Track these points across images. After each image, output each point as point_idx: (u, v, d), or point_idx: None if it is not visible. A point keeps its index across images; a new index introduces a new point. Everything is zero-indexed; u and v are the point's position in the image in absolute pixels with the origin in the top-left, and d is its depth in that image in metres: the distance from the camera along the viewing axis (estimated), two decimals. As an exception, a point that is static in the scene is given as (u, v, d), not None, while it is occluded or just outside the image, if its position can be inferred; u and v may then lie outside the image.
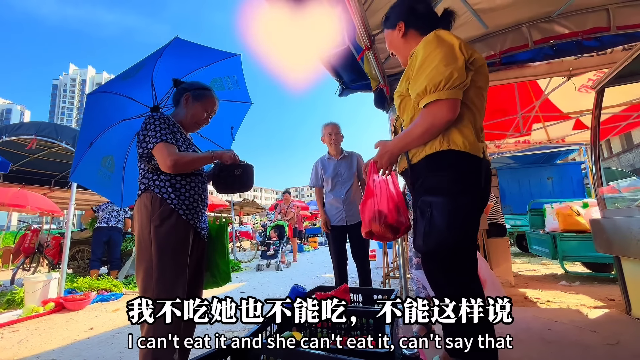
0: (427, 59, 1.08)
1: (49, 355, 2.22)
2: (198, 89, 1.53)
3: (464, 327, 1.03)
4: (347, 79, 3.08)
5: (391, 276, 3.73)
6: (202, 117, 1.52)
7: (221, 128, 2.03)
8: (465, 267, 1.13)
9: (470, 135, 1.09)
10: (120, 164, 1.84)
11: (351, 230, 2.66)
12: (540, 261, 5.20)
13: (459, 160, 1.08)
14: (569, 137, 5.34)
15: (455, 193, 1.08)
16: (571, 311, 2.52)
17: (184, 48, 1.70)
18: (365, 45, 2.28)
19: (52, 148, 5.13)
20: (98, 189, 1.86)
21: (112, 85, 1.63)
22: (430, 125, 1.06)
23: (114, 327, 2.82)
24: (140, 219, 1.31)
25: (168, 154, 1.29)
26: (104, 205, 5.16)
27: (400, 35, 1.28)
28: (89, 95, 1.61)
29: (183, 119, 1.50)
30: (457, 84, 1.02)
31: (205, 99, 1.53)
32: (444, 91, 1.02)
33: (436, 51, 1.06)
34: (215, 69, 1.91)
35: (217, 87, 1.95)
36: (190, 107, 1.50)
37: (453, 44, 1.06)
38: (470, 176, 1.09)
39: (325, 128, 2.81)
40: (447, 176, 1.09)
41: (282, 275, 5.58)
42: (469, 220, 1.11)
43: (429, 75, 1.05)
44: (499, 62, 2.84)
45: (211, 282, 1.57)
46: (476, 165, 1.10)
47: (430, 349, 1.85)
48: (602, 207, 2.54)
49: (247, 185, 1.54)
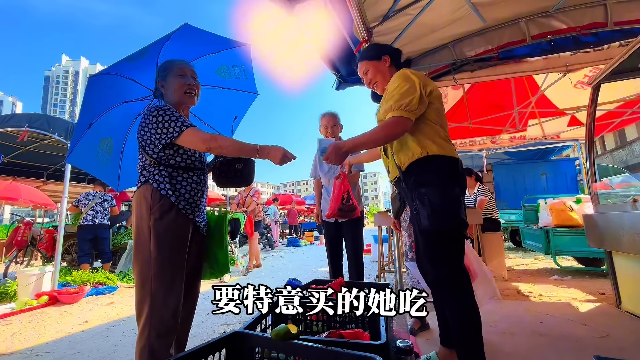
0: (396, 88, 1.41)
1: (43, 348, 2.21)
2: (161, 68, 1.48)
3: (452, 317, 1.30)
4: (345, 73, 3.06)
5: (386, 270, 3.75)
6: (184, 84, 1.44)
7: (224, 116, 2.01)
8: (459, 250, 1.38)
9: (440, 142, 1.42)
10: (118, 146, 1.80)
11: (344, 225, 2.64)
12: (533, 256, 5.27)
13: (438, 160, 1.40)
14: (564, 133, 5.38)
15: (444, 184, 1.37)
16: (563, 305, 2.56)
17: (192, 34, 1.67)
18: (363, 38, 2.26)
19: (44, 140, 5.05)
20: (95, 171, 1.83)
21: (115, 67, 1.59)
22: (388, 133, 1.37)
23: (109, 321, 2.82)
24: (139, 211, 1.29)
25: (202, 138, 1.28)
26: (84, 199, 4.83)
27: (387, 65, 1.62)
28: (91, 77, 1.58)
29: (173, 102, 1.45)
30: (413, 109, 1.35)
31: (170, 69, 1.46)
32: (403, 111, 1.35)
33: (403, 84, 1.40)
34: (222, 57, 1.87)
35: (223, 75, 1.92)
36: (168, 87, 1.44)
37: (414, 81, 1.40)
38: (449, 170, 1.41)
39: (322, 119, 2.72)
40: (434, 172, 1.39)
41: (278, 268, 5.59)
42: (459, 203, 1.39)
43: (394, 98, 1.39)
44: (496, 57, 2.83)
45: (209, 274, 1.56)
46: (452, 162, 1.42)
47: (426, 345, 1.88)
48: (595, 203, 2.57)
49: (248, 180, 1.52)
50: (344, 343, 1.01)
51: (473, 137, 5.62)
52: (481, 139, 5.76)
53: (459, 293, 1.32)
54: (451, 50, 2.94)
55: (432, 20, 2.55)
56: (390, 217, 3.05)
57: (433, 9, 2.32)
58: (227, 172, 1.46)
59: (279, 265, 5.98)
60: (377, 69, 1.63)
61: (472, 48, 2.89)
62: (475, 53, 2.89)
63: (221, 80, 1.95)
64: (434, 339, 1.95)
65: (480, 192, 3.95)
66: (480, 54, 2.87)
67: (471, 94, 4.51)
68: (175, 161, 1.35)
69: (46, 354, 2.11)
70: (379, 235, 3.82)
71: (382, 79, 1.63)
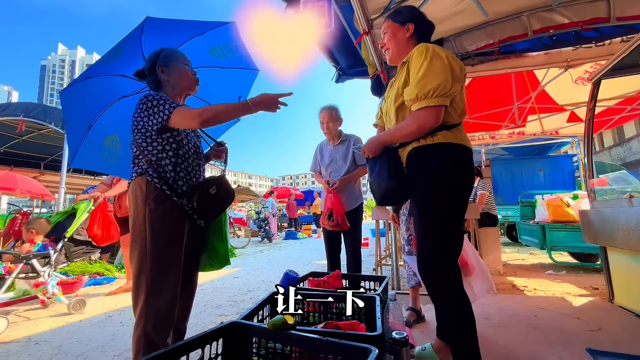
0: (420, 68, 1.23)
1: (41, 337, 2.22)
2: (161, 54, 1.43)
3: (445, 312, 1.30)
4: (344, 65, 3.04)
5: (383, 264, 3.78)
6: (187, 73, 1.43)
7: (229, 96, 1.95)
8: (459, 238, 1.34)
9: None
10: (126, 140, 1.77)
11: None
12: (528, 251, 5.32)
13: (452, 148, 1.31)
14: (563, 129, 5.38)
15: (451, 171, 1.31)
16: (557, 299, 2.59)
17: (168, 24, 1.63)
18: (363, 30, 2.24)
19: (41, 130, 5.02)
20: (105, 169, 1.82)
21: (96, 69, 1.57)
22: (421, 126, 1.25)
23: (107, 310, 2.83)
24: (135, 201, 1.29)
25: (190, 113, 1.23)
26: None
27: (407, 35, 1.42)
28: (63, 91, 1.56)
29: (178, 89, 1.43)
30: (443, 92, 1.19)
31: (174, 56, 1.43)
32: (431, 99, 1.19)
33: (427, 62, 1.22)
34: (211, 37, 1.80)
35: (218, 56, 1.86)
36: (170, 74, 1.41)
37: (443, 57, 1.22)
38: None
39: (320, 115, 2.68)
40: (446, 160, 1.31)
41: (276, 261, 5.62)
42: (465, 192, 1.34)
43: (420, 85, 1.22)
44: (497, 51, 2.82)
45: (208, 265, 1.54)
46: (464, 150, 1.32)
47: (421, 336, 1.90)
48: (592, 199, 2.59)
49: (230, 195, 1.43)
50: (340, 334, 1.02)
51: (472, 132, 5.61)
52: (480, 134, 5.76)
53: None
54: (452, 44, 2.92)
55: (433, 12, 2.52)
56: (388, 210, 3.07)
57: (434, 1, 2.30)
58: (208, 203, 1.34)
59: (277, 258, 6.02)
60: (395, 34, 1.46)
61: (474, 42, 2.87)
62: (477, 47, 2.87)
63: (217, 61, 1.90)
64: (429, 330, 1.98)
65: (480, 186, 3.96)
66: (482, 48, 2.85)
67: (471, 89, 4.49)
68: (171, 147, 1.33)
69: (44, 343, 2.12)
70: (376, 228, 3.83)
71: (396, 47, 1.46)
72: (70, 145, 1.64)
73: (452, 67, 1.22)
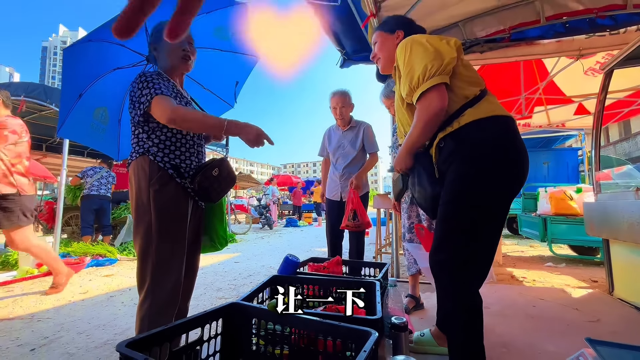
0: (405, 64, 1.21)
1: (44, 315, 2.26)
2: (154, 31, 1.40)
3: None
4: (350, 50, 2.96)
5: (383, 252, 3.79)
6: (178, 48, 1.36)
7: (225, 81, 1.90)
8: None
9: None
10: (115, 115, 1.73)
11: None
12: (529, 243, 5.32)
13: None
14: (570, 122, 5.30)
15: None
16: (556, 290, 2.60)
17: None
18: (371, 12, 2.17)
19: (42, 111, 4.96)
20: (91, 143, 1.77)
21: (98, 33, 1.49)
22: (427, 120, 1.16)
23: (108, 291, 2.87)
24: (137, 183, 1.26)
25: (164, 107, 1.19)
26: (91, 170, 5.00)
27: (397, 41, 1.39)
28: (67, 48, 1.48)
29: (169, 66, 1.38)
30: (433, 72, 1.12)
31: (162, 32, 1.40)
32: (425, 83, 1.13)
33: (409, 53, 1.19)
34: (217, 17, 1.73)
35: (221, 37, 1.80)
36: (161, 50, 1.37)
37: (422, 42, 1.18)
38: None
39: (331, 100, 2.63)
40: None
41: (276, 247, 5.66)
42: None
43: (409, 76, 1.18)
44: (508, 37, 2.73)
45: (209, 246, 1.56)
46: (498, 122, 1.17)
47: (420, 323, 1.92)
48: (597, 192, 2.56)
49: (232, 178, 1.41)
50: (340, 317, 1.02)
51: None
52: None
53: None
54: (461, 30, 2.83)
55: (444, -5, 2.45)
56: (390, 199, 3.05)
57: (446, -17, 2.22)
58: (211, 185, 1.32)
59: (278, 244, 6.06)
60: (384, 43, 1.44)
61: (484, 28, 2.78)
62: (487, 33, 2.78)
63: (219, 42, 1.83)
64: (427, 317, 1.99)
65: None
66: (492, 34, 2.77)
67: (478, 78, 4.40)
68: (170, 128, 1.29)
69: (47, 320, 2.15)
70: (377, 217, 3.83)
71: (386, 55, 1.43)
72: (61, 113, 1.58)
73: (435, 45, 1.17)
